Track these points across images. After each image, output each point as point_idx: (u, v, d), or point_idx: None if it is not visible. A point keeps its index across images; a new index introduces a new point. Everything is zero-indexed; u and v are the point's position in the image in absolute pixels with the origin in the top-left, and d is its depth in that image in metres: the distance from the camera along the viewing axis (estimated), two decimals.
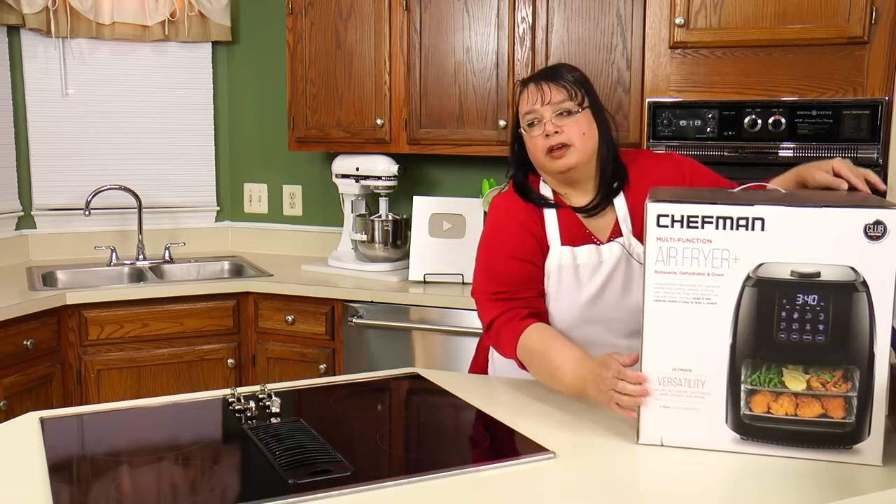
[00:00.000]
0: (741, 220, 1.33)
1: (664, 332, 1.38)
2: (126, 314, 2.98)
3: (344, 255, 3.34)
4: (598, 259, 1.69)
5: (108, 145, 3.63)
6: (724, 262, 1.34)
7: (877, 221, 1.27)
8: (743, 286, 1.34)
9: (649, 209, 1.37)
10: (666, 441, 1.40)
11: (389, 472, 1.27)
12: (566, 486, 1.24)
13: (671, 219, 1.36)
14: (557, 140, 1.65)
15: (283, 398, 1.58)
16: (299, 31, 3.28)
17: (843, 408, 1.31)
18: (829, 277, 1.30)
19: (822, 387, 1.31)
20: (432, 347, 2.89)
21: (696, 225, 1.35)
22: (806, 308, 1.31)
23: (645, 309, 1.39)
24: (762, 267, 1.33)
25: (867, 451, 1.30)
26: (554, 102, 1.66)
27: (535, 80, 1.71)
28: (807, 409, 1.32)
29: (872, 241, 1.28)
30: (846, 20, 2.40)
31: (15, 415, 2.51)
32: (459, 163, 3.43)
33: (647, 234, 1.38)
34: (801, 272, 1.31)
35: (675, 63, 2.60)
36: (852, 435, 1.31)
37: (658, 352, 1.39)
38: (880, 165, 2.38)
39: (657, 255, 1.37)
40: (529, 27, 2.95)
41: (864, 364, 1.29)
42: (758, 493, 1.21)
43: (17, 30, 3.42)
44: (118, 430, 1.47)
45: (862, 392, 1.30)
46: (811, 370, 1.32)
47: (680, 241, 1.36)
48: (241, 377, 3.16)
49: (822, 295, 1.30)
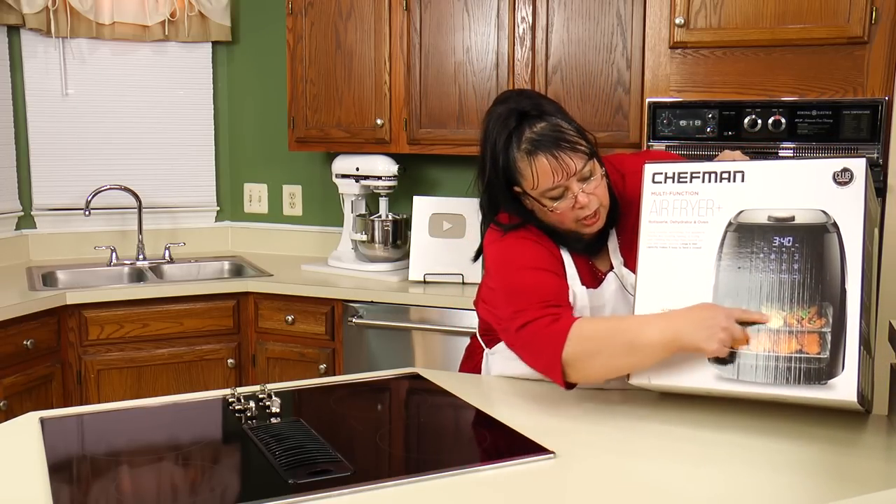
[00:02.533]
0: (724, 173, 1.48)
1: (656, 275, 1.50)
2: (126, 314, 2.98)
3: (344, 255, 3.34)
4: (601, 301, 1.65)
5: (108, 145, 3.63)
6: (708, 210, 1.48)
7: (844, 168, 1.39)
8: (725, 231, 1.46)
9: (646, 169, 1.54)
10: (653, 380, 1.47)
11: (389, 472, 1.27)
12: (566, 486, 1.24)
13: (664, 175, 1.52)
14: (592, 209, 1.56)
15: (283, 398, 1.58)
16: (299, 31, 3.28)
17: (818, 343, 1.36)
18: (802, 221, 1.40)
19: (797, 323, 1.38)
20: (432, 347, 2.89)
21: (685, 180, 1.50)
22: (782, 249, 1.41)
23: (639, 255, 1.52)
24: (742, 213, 1.45)
25: (841, 386, 1.34)
26: (578, 172, 1.53)
27: (546, 151, 1.52)
28: (783, 346, 1.38)
29: (841, 187, 1.39)
30: (846, 20, 2.40)
31: (15, 415, 2.51)
32: (459, 163, 3.43)
33: (644, 189, 1.53)
34: (777, 217, 1.42)
35: (675, 63, 2.60)
36: (827, 370, 1.36)
37: (650, 293, 1.50)
38: (880, 165, 2.38)
39: (651, 207, 1.52)
40: (529, 27, 2.95)
41: (837, 300, 1.36)
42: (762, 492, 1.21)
43: (17, 30, 3.42)
44: (118, 430, 1.47)
45: (836, 327, 1.36)
46: (787, 307, 1.39)
47: (671, 194, 1.51)
48: (241, 377, 3.16)
49: (796, 237, 1.40)
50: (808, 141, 2.45)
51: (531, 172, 1.54)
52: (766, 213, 1.43)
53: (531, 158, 1.53)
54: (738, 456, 1.35)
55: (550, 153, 1.52)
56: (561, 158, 1.52)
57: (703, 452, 1.37)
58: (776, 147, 2.47)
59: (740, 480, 1.26)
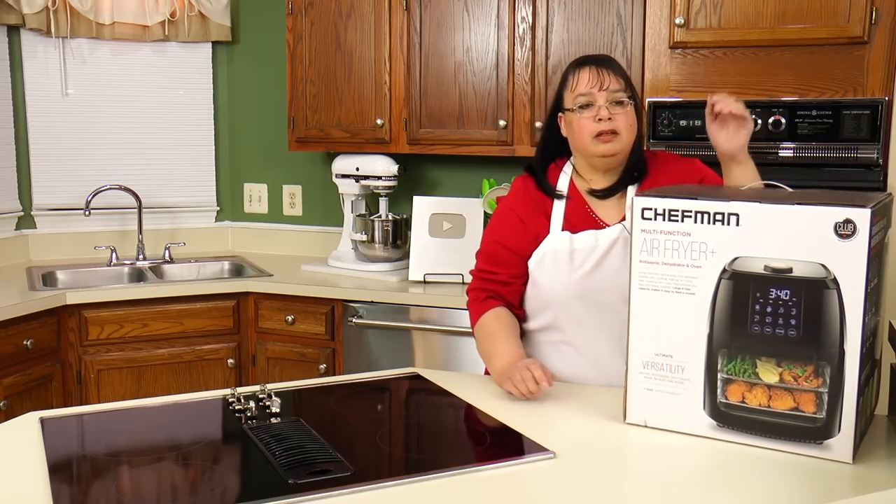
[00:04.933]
0: (717, 214, 1.38)
1: (648, 318, 1.45)
2: (126, 314, 2.98)
3: (344, 255, 3.34)
4: (594, 242, 1.75)
5: (108, 145, 3.63)
6: (701, 254, 1.40)
7: (847, 220, 1.28)
8: (719, 278, 1.38)
9: (635, 202, 1.46)
10: (649, 422, 1.45)
11: (389, 472, 1.27)
12: (566, 486, 1.24)
13: (654, 212, 1.44)
14: (609, 126, 1.71)
15: (283, 398, 1.58)
16: (299, 31, 3.28)
17: (814, 402, 1.32)
18: (800, 274, 1.32)
19: (794, 381, 1.34)
20: (432, 347, 2.89)
21: (676, 218, 1.42)
22: (779, 302, 1.34)
23: (631, 296, 1.47)
24: (737, 261, 1.37)
25: (837, 447, 1.31)
26: (610, 90, 1.72)
27: (592, 64, 1.76)
28: (780, 402, 1.35)
29: (843, 240, 1.29)
30: (846, 20, 2.40)
31: (15, 415, 2.51)
32: (459, 163, 3.43)
33: (633, 226, 1.46)
34: (774, 267, 1.34)
35: (675, 63, 2.60)
36: (823, 430, 1.32)
37: (643, 336, 1.46)
38: (880, 165, 2.38)
39: (641, 246, 1.45)
40: (529, 27, 2.95)
41: (835, 361, 1.30)
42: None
43: (17, 30, 3.42)
44: (118, 430, 1.47)
45: (833, 389, 1.31)
46: (783, 363, 1.34)
47: (662, 233, 1.43)
48: (241, 377, 3.16)
49: (794, 290, 1.33)
50: (808, 141, 2.45)
51: (574, 80, 1.76)
52: (762, 261, 1.35)
53: (579, 68, 1.77)
54: (738, 455, 1.35)
55: (594, 66, 1.75)
56: (601, 72, 1.74)
57: (703, 452, 1.37)
58: (776, 147, 2.47)
59: (740, 480, 1.26)
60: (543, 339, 1.84)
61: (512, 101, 3.00)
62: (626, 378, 1.49)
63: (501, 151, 3.04)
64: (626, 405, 1.49)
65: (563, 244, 1.76)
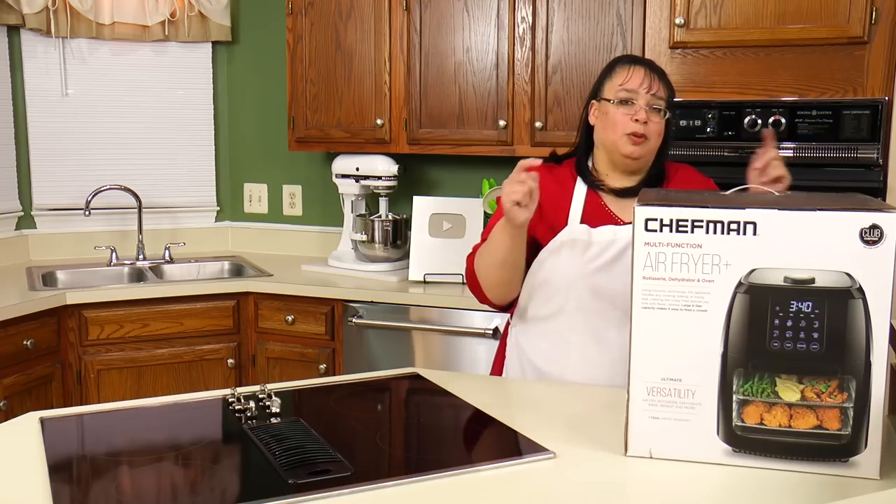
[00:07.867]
0: (732, 223, 1.27)
1: (653, 340, 1.33)
2: (126, 314, 2.98)
3: (344, 255, 3.34)
4: (612, 237, 1.76)
5: (107, 145, 3.63)
6: (714, 267, 1.28)
7: (873, 225, 1.21)
8: (734, 293, 1.28)
9: (637, 212, 1.31)
10: (655, 454, 1.35)
11: (389, 472, 1.27)
12: (566, 487, 1.24)
13: (660, 223, 1.30)
14: (643, 129, 1.75)
15: (283, 398, 1.58)
16: (299, 31, 3.28)
17: (838, 419, 1.25)
18: (823, 284, 1.24)
19: (816, 397, 1.26)
20: (432, 347, 2.89)
21: (685, 229, 1.29)
22: (800, 315, 1.25)
23: (633, 316, 1.33)
24: (754, 273, 1.27)
25: (864, 464, 1.25)
26: (655, 95, 1.77)
27: (646, 65, 1.79)
28: (801, 421, 1.27)
29: (869, 246, 1.22)
30: (846, 20, 2.40)
31: (15, 415, 2.51)
32: (459, 163, 3.43)
33: (635, 238, 1.32)
34: (795, 278, 1.25)
35: (675, 63, 2.60)
36: (848, 447, 1.26)
37: (647, 360, 1.34)
38: (880, 165, 2.38)
39: (645, 261, 1.31)
40: (529, 27, 2.95)
41: (861, 374, 1.24)
42: None
43: (17, 30, 3.42)
44: (118, 430, 1.47)
45: (858, 403, 1.24)
46: (805, 380, 1.26)
47: (669, 245, 1.30)
48: (241, 377, 3.16)
49: (816, 302, 1.24)
50: (808, 141, 2.45)
51: (625, 74, 1.78)
52: (781, 272, 1.25)
53: (632, 65, 1.80)
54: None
55: (648, 68, 1.79)
56: (652, 76, 1.78)
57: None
58: (776, 147, 2.47)
59: (740, 479, 1.26)
60: (550, 328, 1.83)
61: (512, 101, 3.00)
62: (627, 407, 1.36)
63: (501, 151, 3.04)
64: (627, 436, 1.36)
65: (581, 236, 1.78)
